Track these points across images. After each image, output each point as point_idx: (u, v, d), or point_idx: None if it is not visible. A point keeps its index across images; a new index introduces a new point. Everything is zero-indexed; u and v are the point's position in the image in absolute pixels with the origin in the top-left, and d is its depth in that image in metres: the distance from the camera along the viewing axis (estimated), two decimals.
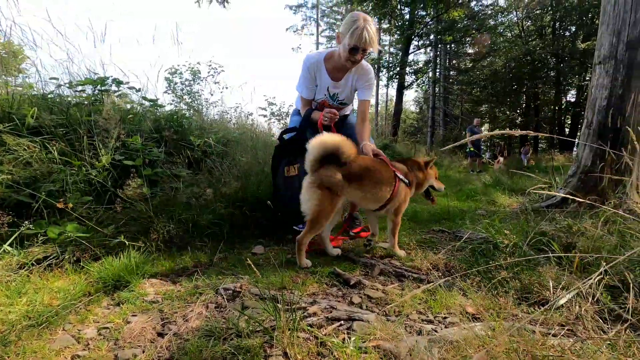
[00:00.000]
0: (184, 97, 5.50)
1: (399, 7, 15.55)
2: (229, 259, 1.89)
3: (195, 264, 1.83)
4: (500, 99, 20.91)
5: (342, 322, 1.24)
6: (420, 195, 2.26)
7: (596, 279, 1.35)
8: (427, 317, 1.32)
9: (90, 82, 2.81)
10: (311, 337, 1.14)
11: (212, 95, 5.46)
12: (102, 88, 2.88)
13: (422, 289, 1.16)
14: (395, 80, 16.40)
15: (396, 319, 1.28)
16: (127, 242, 1.73)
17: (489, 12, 19.30)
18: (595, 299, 1.33)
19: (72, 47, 2.83)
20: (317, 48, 26.31)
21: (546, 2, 17.66)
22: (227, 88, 5.55)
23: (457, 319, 1.29)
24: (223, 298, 1.42)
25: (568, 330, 1.21)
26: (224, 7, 6.31)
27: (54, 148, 2.08)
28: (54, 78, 2.79)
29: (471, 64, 21.85)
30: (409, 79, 17.79)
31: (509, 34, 20.15)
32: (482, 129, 26.89)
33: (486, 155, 16.49)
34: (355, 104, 2.48)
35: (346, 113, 2.48)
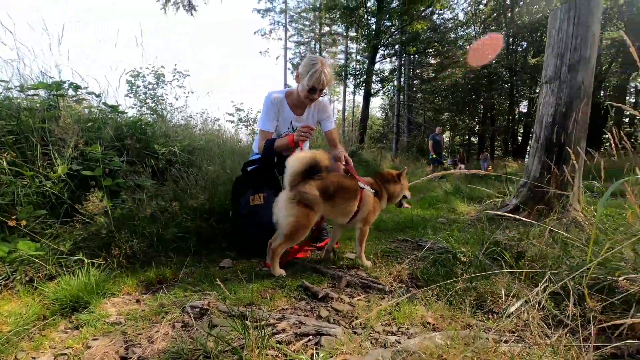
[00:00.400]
0: (147, 100, 5.31)
1: (365, 17, 15.97)
2: (195, 274, 1.86)
3: (160, 280, 1.78)
4: (460, 108, 22.05)
5: (310, 337, 1.27)
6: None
7: (542, 287, 1.49)
8: (392, 329, 1.38)
9: (45, 86, 2.65)
10: (280, 355, 1.16)
11: (177, 100, 5.32)
12: (58, 93, 2.73)
13: (387, 304, 1.22)
14: (362, 88, 16.77)
15: (362, 332, 1.32)
16: (86, 260, 1.66)
17: (450, 25, 20.36)
18: (541, 306, 1.46)
19: (23, 48, 2.66)
20: (285, 53, 26.36)
21: (500, 19, 18.90)
22: (192, 92, 5.43)
23: (419, 330, 1.36)
24: (190, 317, 1.40)
25: (517, 336, 1.32)
26: (192, 14, 6.18)
27: (3, 158, 1.95)
28: (3, 81, 2.61)
29: (433, 74, 22.88)
30: (375, 86, 18.28)
31: (468, 47, 21.33)
32: (444, 136, 28.12)
33: (448, 161, 17.26)
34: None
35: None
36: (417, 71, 25.09)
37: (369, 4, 16.02)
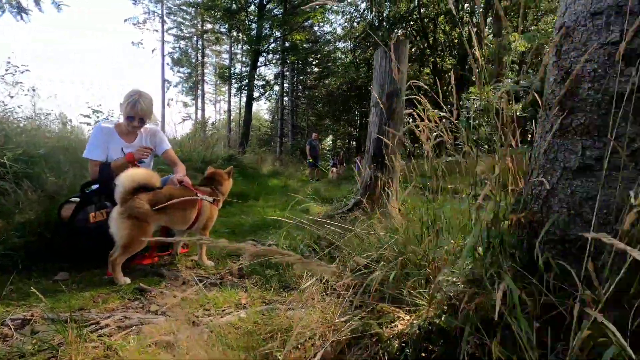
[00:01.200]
0: None
1: (247, 21, 16.19)
2: (22, 290, 1.85)
3: None
4: (338, 115, 24.18)
5: (133, 327, 1.51)
6: (239, 208, 2.69)
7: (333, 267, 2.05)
8: (211, 312, 1.72)
9: None
10: (100, 345, 1.37)
11: (12, 97, 4.63)
12: None
13: (193, 289, 1.55)
14: (245, 91, 16.94)
15: (184, 318, 1.63)
16: None
17: (329, 38, 22.22)
18: (325, 280, 2.01)
19: None
20: (163, 46, 24.50)
21: (369, 38, 21.51)
22: (34, 90, 4.81)
23: (232, 310, 1.74)
24: (10, 328, 1.47)
25: (303, 304, 1.82)
26: (22, 19, 5.41)
27: None
28: None
29: (315, 82, 24.56)
30: (258, 91, 18.65)
31: (346, 59, 23.63)
32: (328, 139, 30.26)
33: (330, 163, 18.81)
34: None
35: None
36: (301, 77, 26.52)
37: (250, 9, 16.29)
